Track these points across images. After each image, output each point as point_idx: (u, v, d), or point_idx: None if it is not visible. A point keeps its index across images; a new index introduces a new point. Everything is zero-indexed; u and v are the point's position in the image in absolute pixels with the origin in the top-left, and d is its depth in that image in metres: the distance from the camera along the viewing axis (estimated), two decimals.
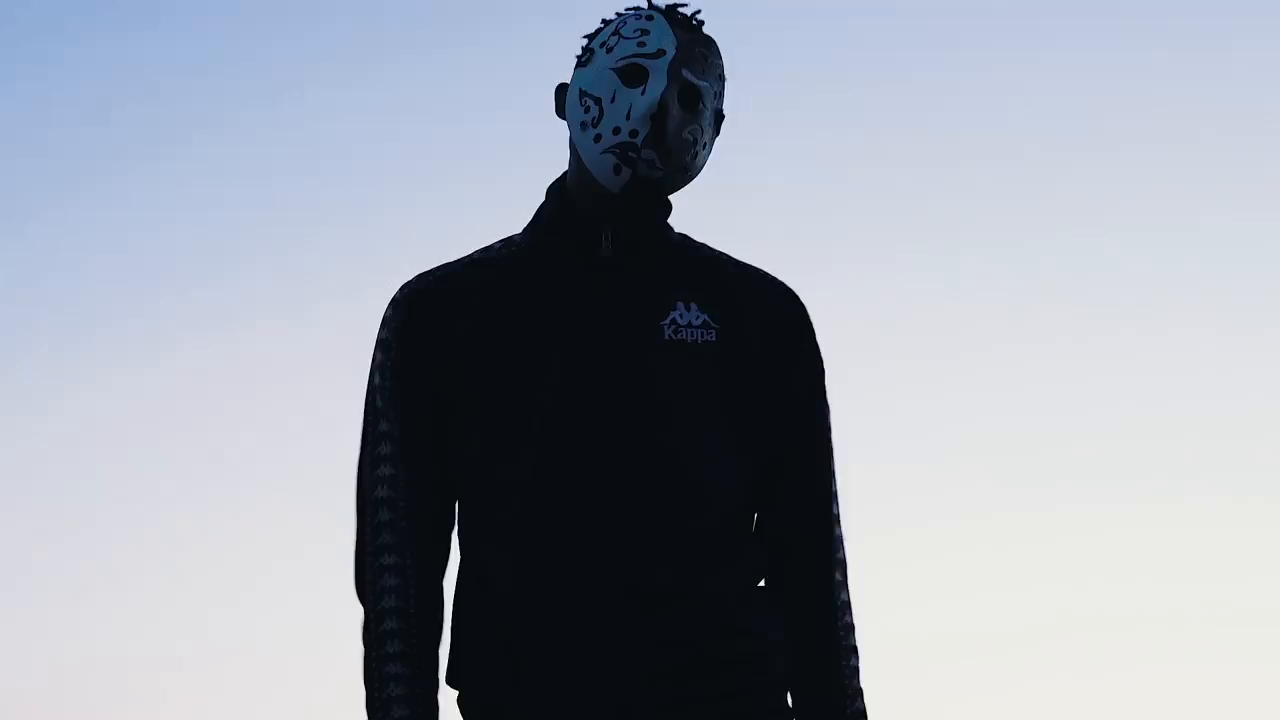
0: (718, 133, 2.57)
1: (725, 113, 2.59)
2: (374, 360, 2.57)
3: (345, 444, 2.62)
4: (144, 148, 9.13)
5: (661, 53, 2.48)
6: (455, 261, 2.59)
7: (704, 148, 2.52)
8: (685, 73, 2.48)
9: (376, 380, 2.56)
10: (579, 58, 2.57)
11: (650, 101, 2.45)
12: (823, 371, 2.60)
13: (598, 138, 2.49)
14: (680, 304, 2.54)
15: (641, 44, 2.50)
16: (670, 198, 2.57)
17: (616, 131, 2.46)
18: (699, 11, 2.55)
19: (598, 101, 2.50)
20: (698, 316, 2.54)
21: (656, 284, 2.51)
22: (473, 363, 2.50)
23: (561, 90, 2.59)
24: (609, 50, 2.51)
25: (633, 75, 2.48)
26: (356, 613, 2.53)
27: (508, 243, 2.55)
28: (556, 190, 2.59)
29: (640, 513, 2.42)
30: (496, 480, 2.47)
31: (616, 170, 2.47)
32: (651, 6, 2.54)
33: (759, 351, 2.55)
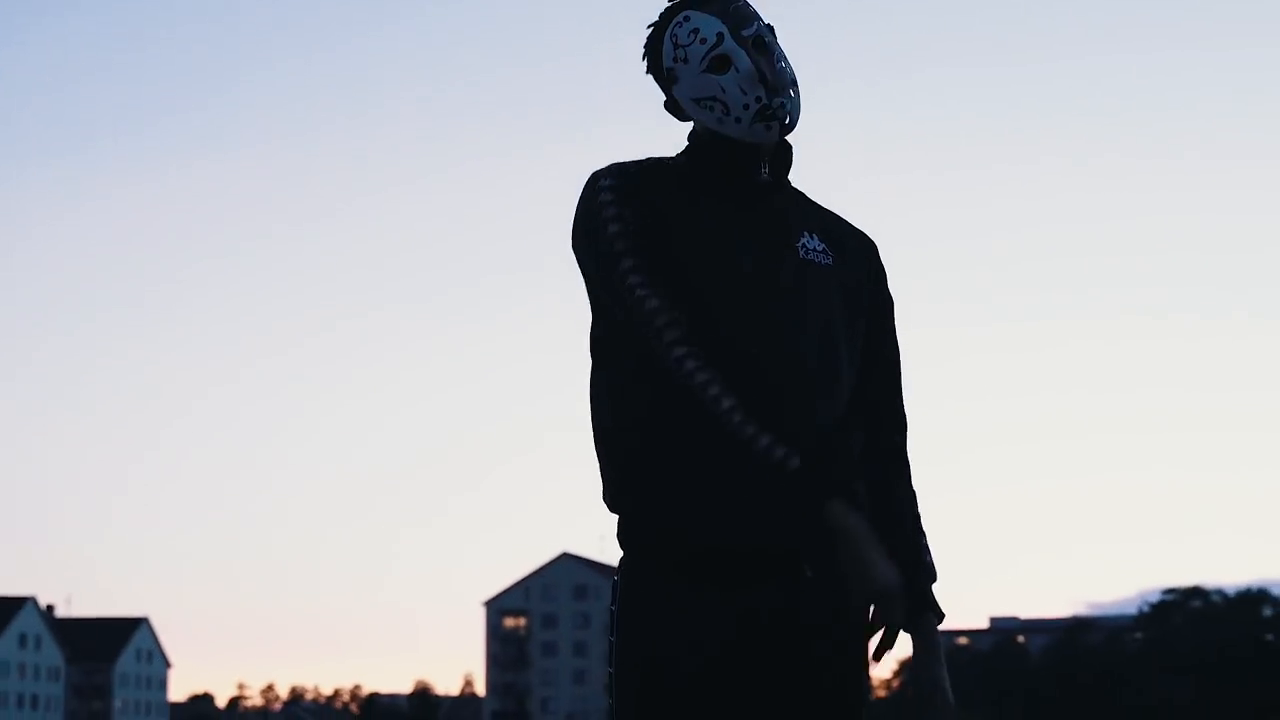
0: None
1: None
2: (604, 215, 3.23)
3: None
4: None
5: (720, 36, 3.29)
6: (635, 161, 3.31)
7: (791, 65, 3.30)
8: (744, 32, 3.27)
9: (615, 229, 3.22)
10: (662, 85, 3.38)
11: (747, 69, 3.26)
12: (892, 309, 3.48)
13: (738, 120, 3.25)
14: (805, 232, 3.34)
15: (703, 40, 3.29)
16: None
17: (746, 107, 3.24)
18: None
19: (715, 100, 3.27)
20: (819, 244, 3.34)
21: (792, 212, 3.34)
22: (679, 232, 3.22)
23: (671, 107, 3.39)
24: (687, 62, 3.31)
25: (719, 65, 3.28)
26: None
27: (672, 160, 3.35)
28: (702, 134, 3.36)
29: (804, 378, 3.21)
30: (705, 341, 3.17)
31: (769, 129, 3.26)
32: (676, 7, 3.33)
33: (859, 279, 3.39)
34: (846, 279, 3.34)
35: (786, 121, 3.28)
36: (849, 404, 3.32)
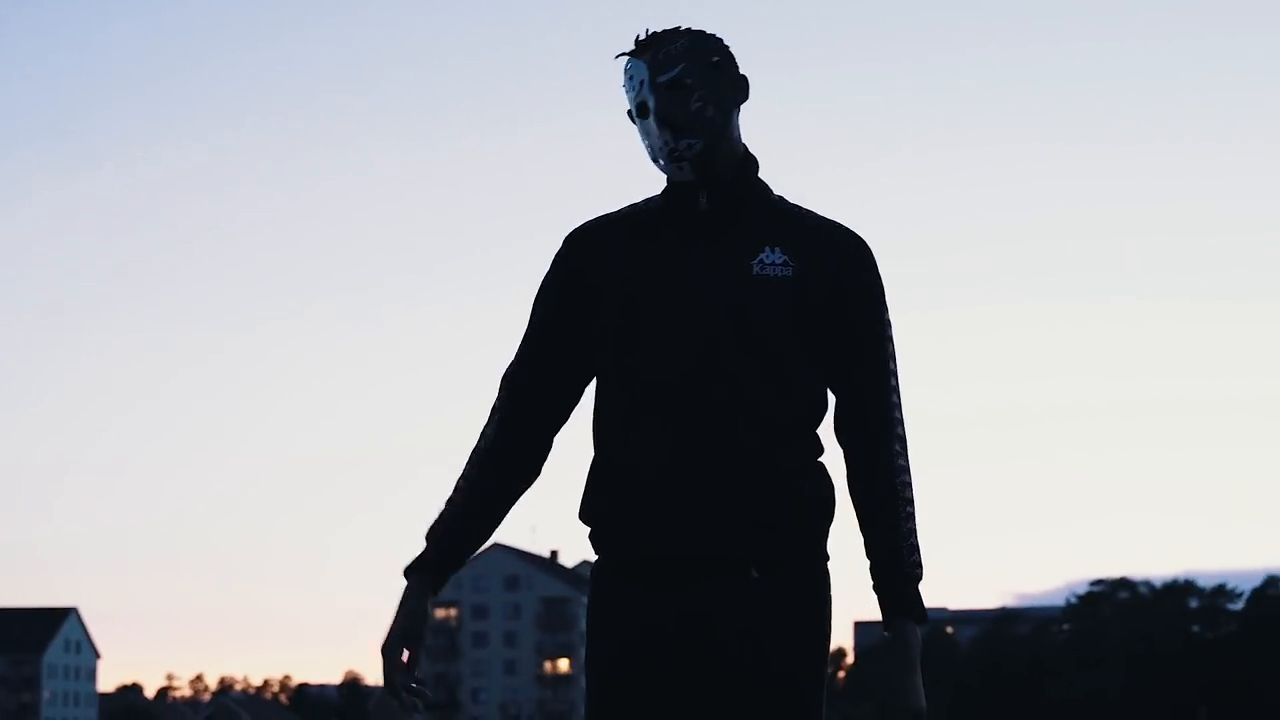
0: (734, 75, 3.61)
1: (730, 62, 3.62)
2: (543, 278, 3.70)
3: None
4: None
5: (642, 82, 3.57)
6: (617, 211, 3.71)
7: (712, 103, 3.55)
8: (660, 79, 3.55)
9: (538, 291, 3.70)
10: None
11: (656, 113, 3.56)
12: (879, 296, 3.64)
13: (658, 160, 3.60)
14: (766, 248, 3.57)
15: (630, 87, 3.61)
16: (757, 159, 3.66)
17: (660, 149, 3.58)
18: (645, 30, 3.59)
19: (645, 141, 3.63)
20: (779, 257, 3.57)
21: (747, 232, 3.60)
22: (609, 287, 3.60)
23: None
24: (627, 105, 3.64)
25: (641, 110, 3.60)
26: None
27: (649, 200, 3.72)
28: None
29: (718, 401, 3.51)
30: (621, 376, 3.57)
31: (680, 169, 3.59)
32: (623, 54, 3.62)
33: (827, 284, 3.59)
34: (806, 287, 3.57)
35: (694, 159, 3.57)
36: (794, 403, 3.57)
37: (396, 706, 3.57)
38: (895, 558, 3.57)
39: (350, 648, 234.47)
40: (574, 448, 3.79)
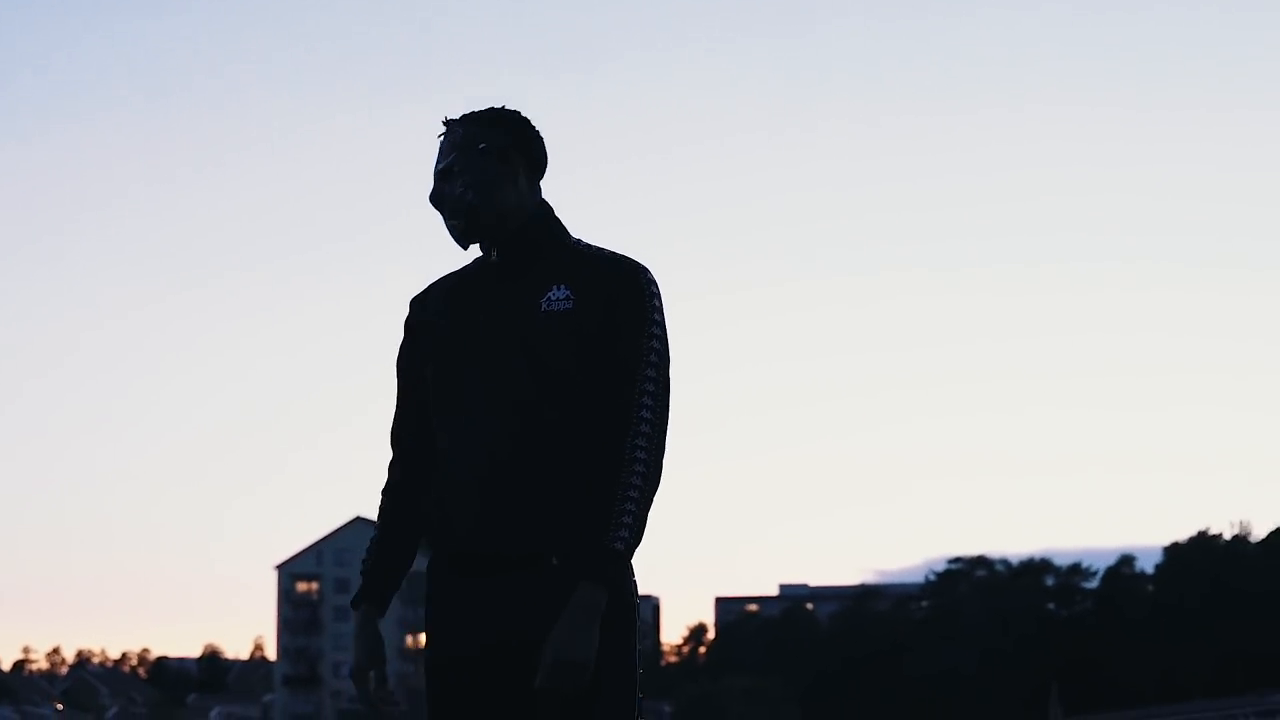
0: (508, 152, 4.27)
1: (506, 140, 4.28)
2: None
3: None
4: None
5: (436, 165, 4.30)
6: (450, 273, 4.40)
7: (476, 187, 4.23)
8: (438, 165, 4.30)
9: (397, 354, 4.41)
10: None
11: (431, 198, 4.31)
12: (645, 316, 4.21)
13: (448, 227, 4.34)
14: (554, 286, 4.20)
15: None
16: (550, 211, 4.34)
17: (450, 229, 4.30)
18: (447, 118, 4.32)
19: None
20: (564, 293, 4.19)
21: (538, 274, 4.26)
22: (430, 334, 4.31)
23: None
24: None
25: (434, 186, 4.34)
26: None
27: (474, 260, 4.40)
28: None
29: (513, 421, 4.19)
30: (436, 408, 4.28)
31: (454, 236, 4.31)
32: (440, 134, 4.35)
33: (600, 310, 4.19)
34: (583, 316, 4.18)
35: (461, 233, 4.27)
36: (583, 417, 4.17)
37: (379, 716, 4.27)
38: (600, 527, 4.09)
39: (209, 621, 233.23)
40: None
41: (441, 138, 4.32)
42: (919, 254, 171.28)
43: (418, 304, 4.40)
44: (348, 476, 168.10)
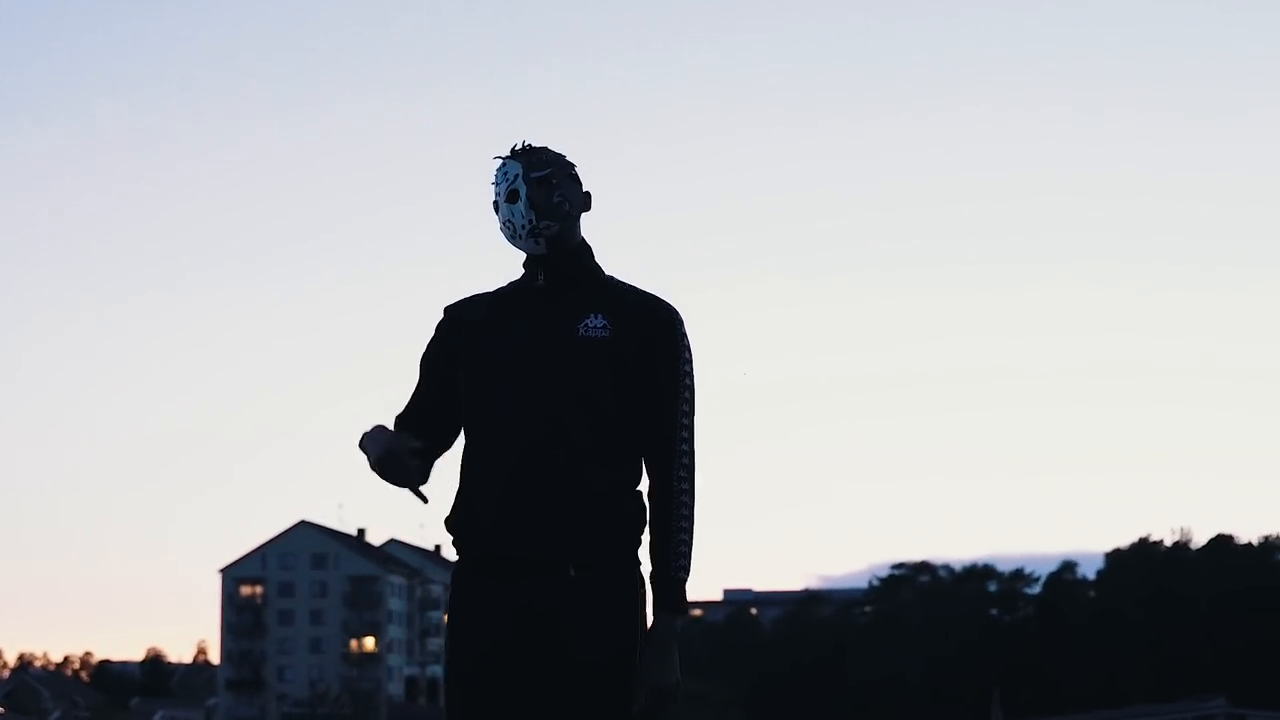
0: (583, 191, 4.68)
1: (580, 182, 4.68)
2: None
3: None
4: None
5: (516, 175, 4.61)
6: (487, 291, 4.74)
7: (568, 200, 4.61)
8: (533, 175, 4.61)
9: (423, 354, 4.74)
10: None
11: (525, 201, 4.57)
12: (680, 353, 4.66)
13: (518, 237, 4.56)
14: (591, 314, 4.61)
15: (502, 179, 4.63)
16: (591, 249, 4.70)
17: (523, 227, 4.61)
18: (522, 142, 4.65)
19: (507, 223, 4.59)
20: (601, 321, 4.60)
21: (576, 301, 4.65)
22: (469, 350, 4.65)
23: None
24: (494, 198, 4.64)
25: (511, 196, 4.60)
26: None
27: (511, 282, 4.75)
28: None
29: (545, 436, 4.49)
30: (475, 414, 4.62)
31: (537, 244, 4.65)
32: (500, 157, 4.65)
33: (637, 344, 4.62)
34: (619, 346, 4.58)
35: (550, 239, 4.60)
36: (609, 437, 4.57)
37: (411, 484, 4.61)
38: (665, 562, 4.57)
39: (153, 624, 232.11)
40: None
41: (517, 156, 4.63)
42: (857, 257, 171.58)
43: (453, 311, 4.73)
44: (293, 480, 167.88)
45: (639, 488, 4.65)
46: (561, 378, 4.54)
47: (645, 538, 4.67)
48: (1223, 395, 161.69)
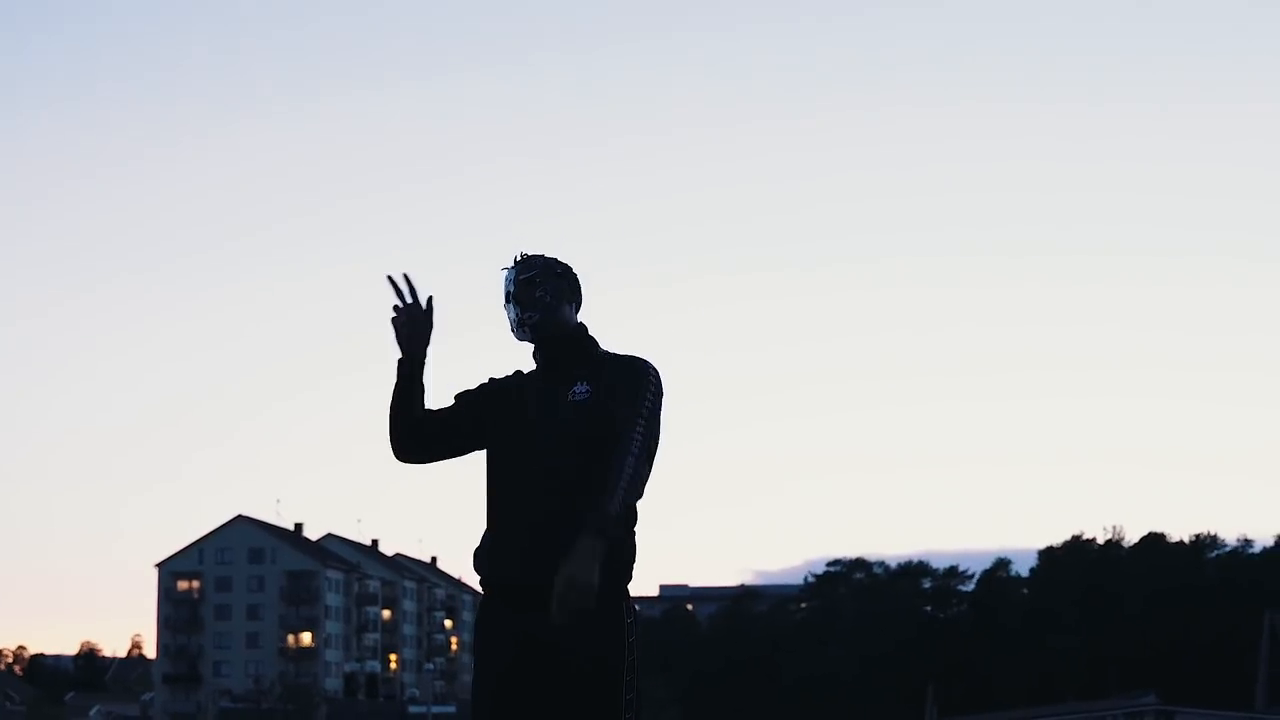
0: (570, 284, 5.65)
1: (570, 277, 5.64)
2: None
3: None
4: None
5: (511, 279, 5.61)
6: (522, 372, 5.69)
7: (552, 296, 5.56)
8: (520, 277, 5.61)
9: (479, 382, 5.72)
10: None
11: (513, 299, 5.60)
12: (640, 389, 5.48)
13: (514, 330, 5.66)
14: (579, 382, 5.54)
15: (506, 284, 5.63)
16: (586, 329, 5.66)
17: (515, 320, 5.64)
18: (522, 253, 5.66)
19: (510, 319, 5.66)
20: (585, 388, 5.52)
21: (567, 374, 5.60)
22: (496, 412, 5.64)
23: None
24: (502, 300, 5.67)
25: (508, 296, 5.62)
26: None
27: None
28: None
29: (545, 483, 5.45)
30: (490, 467, 5.61)
31: (524, 334, 5.63)
32: (504, 267, 5.64)
33: (607, 395, 5.48)
34: (595, 405, 5.46)
35: (533, 327, 5.57)
36: (591, 474, 5.35)
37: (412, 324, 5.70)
38: (599, 502, 5.20)
39: (88, 618, 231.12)
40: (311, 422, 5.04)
41: (515, 265, 5.62)
42: (786, 255, 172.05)
43: (495, 380, 5.70)
44: (230, 475, 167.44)
45: (633, 527, 5.41)
46: (557, 436, 5.44)
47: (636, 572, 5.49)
48: (1156, 393, 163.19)
